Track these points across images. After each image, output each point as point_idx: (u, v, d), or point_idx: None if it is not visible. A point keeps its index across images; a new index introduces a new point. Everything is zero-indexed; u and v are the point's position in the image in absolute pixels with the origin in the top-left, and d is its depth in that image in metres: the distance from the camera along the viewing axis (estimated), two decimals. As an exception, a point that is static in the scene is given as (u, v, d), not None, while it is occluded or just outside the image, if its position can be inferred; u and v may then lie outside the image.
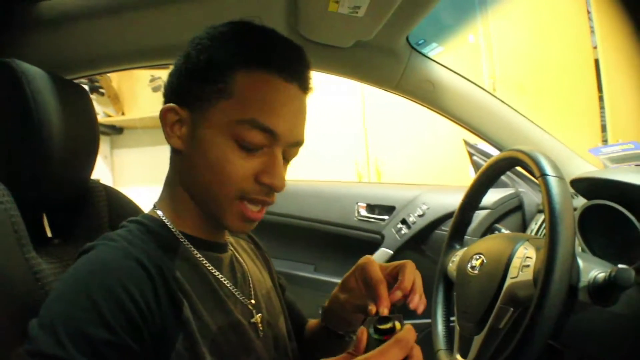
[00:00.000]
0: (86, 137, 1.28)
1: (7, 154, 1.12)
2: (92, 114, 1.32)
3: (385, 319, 0.84)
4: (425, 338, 1.49)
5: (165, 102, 1.02)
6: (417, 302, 1.02)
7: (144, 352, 0.83)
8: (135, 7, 1.45)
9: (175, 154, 1.03)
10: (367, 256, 1.14)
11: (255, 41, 0.98)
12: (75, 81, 1.33)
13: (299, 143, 1.02)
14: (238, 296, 1.06)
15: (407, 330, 0.79)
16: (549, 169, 1.08)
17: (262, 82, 0.94)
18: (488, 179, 1.44)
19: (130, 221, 1.02)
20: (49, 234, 1.27)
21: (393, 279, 1.07)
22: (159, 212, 1.04)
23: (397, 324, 0.84)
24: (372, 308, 0.95)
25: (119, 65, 1.70)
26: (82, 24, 1.47)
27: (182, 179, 1.03)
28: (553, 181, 1.05)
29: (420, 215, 2.28)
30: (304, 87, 1.01)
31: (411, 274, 1.04)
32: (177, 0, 1.43)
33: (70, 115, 1.17)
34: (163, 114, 0.99)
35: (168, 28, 1.00)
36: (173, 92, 1.01)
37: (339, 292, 1.19)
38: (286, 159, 1.03)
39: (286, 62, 0.97)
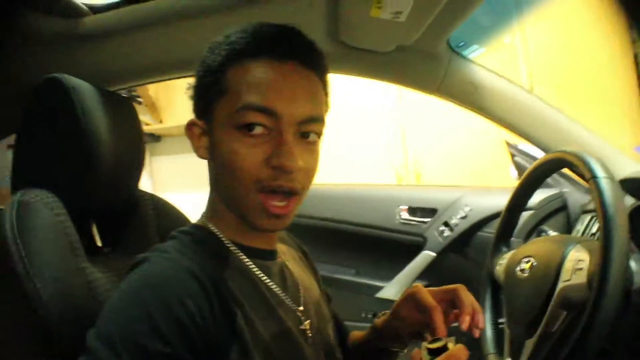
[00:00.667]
0: (132, 147, 1.31)
1: (59, 165, 1.14)
2: (137, 124, 1.35)
3: (438, 339, 0.85)
4: (473, 342, 1.49)
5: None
6: (482, 320, 1.03)
7: None
8: (174, 19, 1.47)
9: (208, 165, 1.05)
10: (416, 284, 1.14)
11: (241, 37, 0.98)
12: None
13: (311, 118, 0.98)
14: (287, 303, 1.06)
15: (458, 349, 0.79)
16: (599, 171, 1.07)
17: (252, 69, 0.95)
18: (535, 180, 1.43)
19: (180, 232, 1.02)
20: (99, 244, 1.29)
21: (445, 303, 1.06)
22: (207, 222, 1.04)
23: (450, 345, 0.84)
24: (428, 337, 0.96)
25: (158, 77, 1.71)
26: (124, 37, 1.50)
27: (215, 187, 1.04)
28: (605, 183, 1.04)
29: (462, 217, 2.27)
30: (306, 63, 0.99)
31: (468, 296, 1.04)
32: (213, 13, 1.44)
33: (116, 126, 1.20)
34: (188, 131, 1.03)
35: (206, 38, 1.01)
36: (194, 107, 1.04)
37: (391, 320, 1.17)
38: (304, 136, 0.99)
39: (275, 44, 0.97)
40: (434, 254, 2.33)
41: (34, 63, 1.44)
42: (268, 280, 1.03)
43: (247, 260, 1.02)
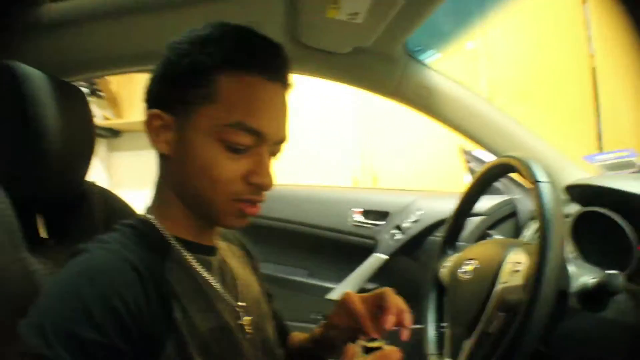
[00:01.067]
0: (83, 138, 1.29)
1: (4, 153, 1.12)
2: (88, 115, 1.32)
3: (375, 340, 0.86)
4: (417, 344, 1.50)
5: (148, 108, 1.02)
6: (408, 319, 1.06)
7: (133, 354, 0.83)
8: (135, 11, 1.46)
9: (162, 159, 1.04)
10: (347, 292, 1.15)
11: (235, 43, 0.97)
12: (74, 84, 1.34)
13: (283, 140, 1.03)
14: (226, 298, 1.06)
15: (391, 350, 0.81)
16: (540, 176, 1.08)
17: (245, 84, 0.95)
18: (482, 185, 1.45)
19: (123, 224, 1.02)
20: (44, 235, 1.27)
21: (376, 307, 1.09)
22: (150, 216, 1.04)
23: (385, 346, 0.85)
24: (364, 338, 0.99)
25: (117, 68, 1.71)
26: (82, 27, 1.48)
27: (171, 184, 1.03)
28: (545, 187, 1.06)
29: (414, 221, 2.28)
30: (285, 83, 1.02)
31: (394, 298, 1.08)
32: (176, 5, 1.43)
33: (67, 116, 1.18)
34: (148, 121, 1.00)
35: (166, 32, 1.00)
36: (155, 98, 1.01)
37: (327, 329, 1.21)
38: (271, 155, 1.03)
39: (267, 61, 0.98)
40: (385, 257, 2.33)
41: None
42: (207, 275, 1.04)
43: (187, 254, 1.02)
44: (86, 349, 0.77)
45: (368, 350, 0.84)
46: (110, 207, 1.38)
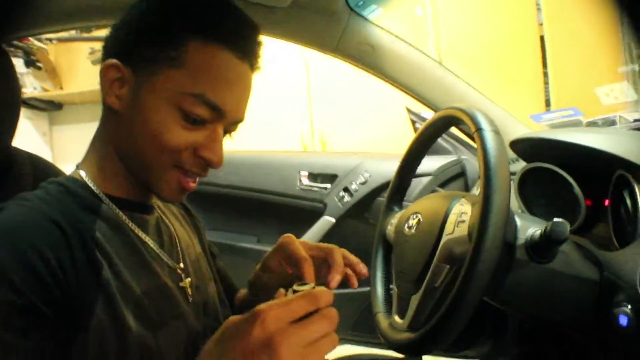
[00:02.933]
0: (5, 103, 1.23)
1: None
2: (11, 76, 1.26)
3: (305, 284, 0.83)
4: (367, 306, 1.49)
5: (106, 56, 0.97)
6: (363, 271, 1.14)
7: (59, 317, 0.79)
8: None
9: (109, 112, 0.99)
10: (288, 235, 1.14)
11: (213, 12, 0.95)
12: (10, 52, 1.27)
13: (240, 120, 1.02)
14: (165, 259, 1.03)
15: (320, 289, 0.76)
16: (484, 124, 1.06)
17: (215, 57, 0.93)
18: (425, 140, 1.42)
19: (49, 182, 0.98)
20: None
21: (319, 260, 1.10)
22: (82, 173, 1.00)
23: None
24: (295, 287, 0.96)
25: (54, 26, 1.63)
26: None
27: (114, 140, 0.99)
28: (488, 134, 1.03)
29: (362, 183, 2.29)
30: (254, 66, 1.01)
31: (341, 256, 1.10)
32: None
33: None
34: (104, 70, 0.96)
35: None
36: (117, 47, 0.97)
37: (261, 272, 1.19)
38: (226, 133, 1.02)
39: (241, 39, 0.96)
40: (333, 220, 2.33)
41: None
42: (142, 235, 1.01)
43: (119, 212, 0.98)
44: (3, 311, 0.73)
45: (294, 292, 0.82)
46: (40, 173, 1.32)
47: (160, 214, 1.12)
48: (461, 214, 1.12)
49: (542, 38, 3.75)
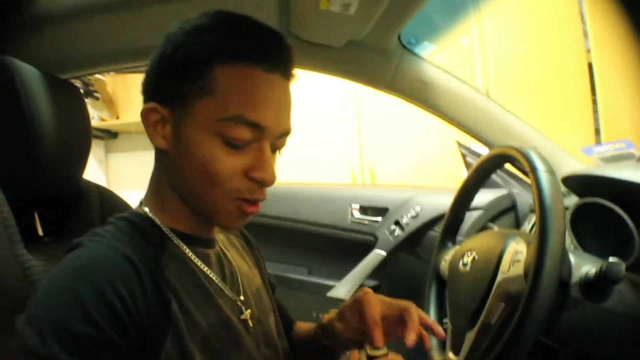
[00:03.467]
0: (78, 136, 1.28)
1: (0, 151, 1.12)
2: (84, 113, 1.32)
3: (377, 348, 0.84)
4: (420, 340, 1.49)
5: (145, 101, 0.99)
6: (442, 333, 1.07)
7: (131, 350, 0.81)
8: (129, 6, 1.44)
9: (160, 153, 1.01)
10: (366, 289, 1.12)
11: (231, 33, 0.94)
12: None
13: (286, 133, 1.00)
14: (227, 292, 1.05)
15: (394, 357, 0.75)
16: (539, 164, 1.07)
17: (243, 76, 0.92)
18: (479, 177, 1.44)
19: (118, 218, 1.00)
20: (41, 233, 1.27)
21: (395, 317, 1.07)
22: (146, 209, 1.02)
23: (390, 355, 0.83)
24: (368, 346, 0.97)
25: (113, 65, 1.69)
26: (77, 22, 1.46)
27: (169, 179, 1.01)
28: (543, 175, 1.05)
29: (413, 217, 2.27)
30: (286, 74, 0.98)
31: (416, 314, 1.04)
32: (169, 1, 1.42)
33: (62, 114, 1.17)
34: (144, 114, 0.96)
35: (161, 27, 0.99)
36: (152, 91, 0.98)
37: (335, 320, 1.17)
38: (275, 150, 1.00)
39: (266, 51, 0.94)
40: (384, 253, 2.31)
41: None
42: (206, 269, 1.02)
43: (185, 247, 1.00)
44: (81, 344, 0.76)
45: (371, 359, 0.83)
46: (107, 204, 1.37)
47: (221, 247, 1.14)
48: (516, 253, 1.13)
49: (590, 65, 3.70)
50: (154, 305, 0.87)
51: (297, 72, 1.02)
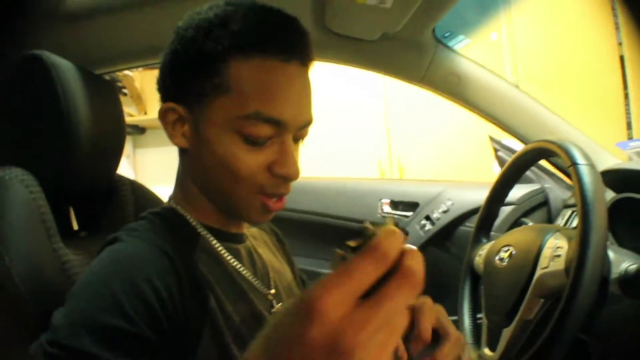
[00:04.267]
0: (113, 131, 1.29)
1: (36, 145, 1.13)
2: (119, 109, 1.33)
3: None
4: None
5: (162, 100, 0.98)
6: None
7: (166, 344, 0.81)
8: (163, 1, 1.45)
9: (182, 152, 1.01)
10: (425, 299, 1.03)
11: (243, 25, 0.90)
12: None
13: (308, 123, 0.97)
14: (258, 287, 1.04)
15: (386, 230, 0.46)
16: (579, 158, 1.07)
17: (259, 70, 0.89)
18: (515, 171, 1.43)
19: (151, 213, 1.00)
20: (76, 227, 1.28)
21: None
22: (175, 205, 1.02)
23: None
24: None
25: (147, 60, 1.69)
26: (113, 17, 1.48)
27: (193, 177, 1.01)
28: (585, 169, 1.04)
29: (444, 212, 2.25)
30: (305, 60, 0.95)
31: (429, 320, 0.76)
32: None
33: (98, 109, 1.18)
34: (162, 114, 0.96)
35: None
36: (167, 89, 0.98)
37: None
38: (297, 140, 0.99)
39: (281, 41, 0.90)
40: (415, 248, 2.27)
41: (18, 40, 1.42)
42: (237, 264, 1.02)
43: (216, 243, 1.00)
44: (113, 337, 0.75)
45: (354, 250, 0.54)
46: (140, 199, 1.38)
47: (251, 242, 1.14)
48: (556, 248, 1.12)
49: (621, 58, 3.67)
50: (191, 300, 0.87)
51: (329, 65, 0.99)
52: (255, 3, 0.94)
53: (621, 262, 1.05)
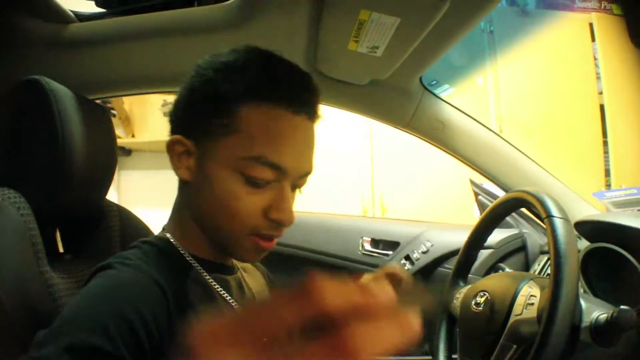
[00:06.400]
0: (105, 157, 1.31)
1: (30, 167, 1.14)
2: (112, 134, 1.35)
3: None
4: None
5: (171, 131, 1.01)
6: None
7: None
8: (161, 34, 1.48)
9: (183, 183, 1.03)
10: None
11: (260, 73, 0.94)
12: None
13: (308, 173, 1.01)
14: None
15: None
16: (555, 211, 1.10)
17: (268, 117, 0.92)
18: (494, 218, 1.46)
19: (142, 242, 1.02)
20: (61, 250, 1.29)
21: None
22: (168, 235, 1.04)
23: None
24: None
25: (137, 90, 1.74)
26: (107, 47, 1.51)
27: (190, 208, 1.03)
28: (559, 222, 1.08)
29: (424, 252, 2.27)
30: (312, 116, 0.99)
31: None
32: (199, 31, 1.46)
33: (92, 135, 1.19)
34: (170, 145, 0.99)
35: (191, 57, 1.01)
36: (178, 122, 1.01)
37: None
38: (295, 188, 1.02)
39: (293, 93, 0.94)
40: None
41: (15, 65, 1.45)
42: (226, 295, 1.03)
43: (206, 275, 1.01)
44: (93, 356, 0.74)
45: None
46: (126, 224, 1.39)
47: (241, 274, 1.16)
48: (530, 296, 1.15)
49: (602, 107, 3.73)
50: (178, 330, 0.87)
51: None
52: (274, 54, 1.00)
53: (592, 311, 1.08)
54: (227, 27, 1.43)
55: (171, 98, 1.04)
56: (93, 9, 1.49)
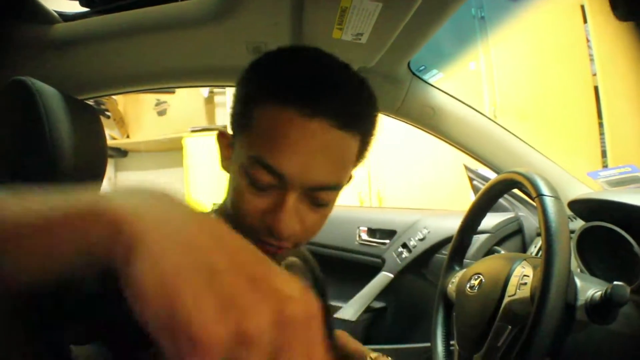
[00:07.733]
0: (95, 158, 1.29)
1: (18, 169, 1.14)
2: (102, 135, 1.33)
3: None
4: (426, 361, 1.50)
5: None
6: None
7: None
8: (146, 31, 1.47)
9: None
10: None
11: (277, 73, 0.91)
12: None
13: (325, 186, 0.91)
14: None
15: None
16: (545, 189, 1.10)
17: (274, 118, 0.87)
18: (486, 201, 1.46)
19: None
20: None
21: None
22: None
23: None
24: None
25: (127, 87, 1.73)
26: (93, 46, 1.50)
27: (226, 200, 1.02)
28: (549, 201, 1.07)
29: (421, 239, 2.29)
30: (338, 121, 0.88)
31: None
32: (184, 26, 1.45)
33: (81, 135, 1.18)
34: (218, 137, 1.03)
35: (176, 53, 1.00)
36: (231, 117, 1.01)
37: None
38: (316, 204, 0.93)
39: (308, 96, 0.86)
40: (391, 275, 2.33)
41: (1, 68, 1.44)
42: None
43: None
44: None
45: None
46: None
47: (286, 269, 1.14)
48: (523, 276, 1.15)
49: (596, 88, 3.73)
50: None
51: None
52: (306, 55, 0.96)
53: (587, 289, 1.08)
54: (211, 20, 1.41)
55: (165, 97, 1.04)
56: (77, 8, 1.48)
